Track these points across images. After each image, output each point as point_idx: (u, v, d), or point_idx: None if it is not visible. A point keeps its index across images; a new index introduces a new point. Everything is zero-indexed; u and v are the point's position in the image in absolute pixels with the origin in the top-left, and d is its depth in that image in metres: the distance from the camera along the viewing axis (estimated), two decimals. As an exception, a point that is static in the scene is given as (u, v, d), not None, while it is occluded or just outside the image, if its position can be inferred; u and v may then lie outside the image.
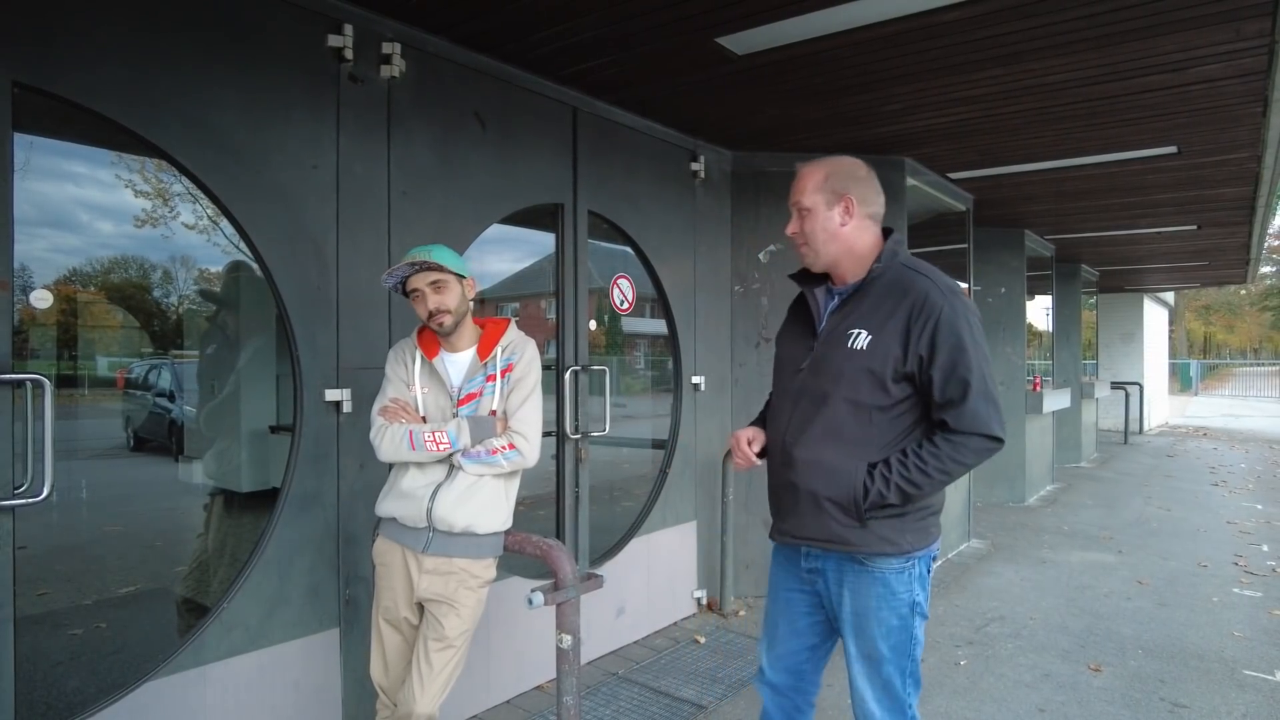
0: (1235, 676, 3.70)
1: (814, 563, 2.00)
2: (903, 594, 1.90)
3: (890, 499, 1.82)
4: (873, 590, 1.90)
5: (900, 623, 1.91)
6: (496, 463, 2.25)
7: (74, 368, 2.82)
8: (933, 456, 1.81)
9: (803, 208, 1.95)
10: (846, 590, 1.94)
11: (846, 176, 1.95)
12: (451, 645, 2.26)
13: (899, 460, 1.83)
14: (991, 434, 1.81)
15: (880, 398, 1.85)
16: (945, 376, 1.80)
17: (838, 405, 1.87)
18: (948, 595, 4.91)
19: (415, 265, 2.22)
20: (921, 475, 1.81)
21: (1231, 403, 23.50)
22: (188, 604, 2.83)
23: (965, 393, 1.79)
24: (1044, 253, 8.75)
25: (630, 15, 2.84)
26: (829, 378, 1.90)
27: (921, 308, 1.83)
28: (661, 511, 4.23)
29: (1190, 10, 2.83)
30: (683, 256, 4.40)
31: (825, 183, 1.94)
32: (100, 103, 2.19)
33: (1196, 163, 5.06)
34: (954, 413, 1.80)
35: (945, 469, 1.81)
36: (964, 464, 1.82)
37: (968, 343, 1.81)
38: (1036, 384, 8.21)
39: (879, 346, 1.84)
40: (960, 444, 1.81)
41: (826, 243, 1.94)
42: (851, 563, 1.92)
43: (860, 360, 1.85)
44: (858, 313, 1.91)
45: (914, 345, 1.82)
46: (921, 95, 3.75)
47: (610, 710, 3.31)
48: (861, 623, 1.92)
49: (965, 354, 1.80)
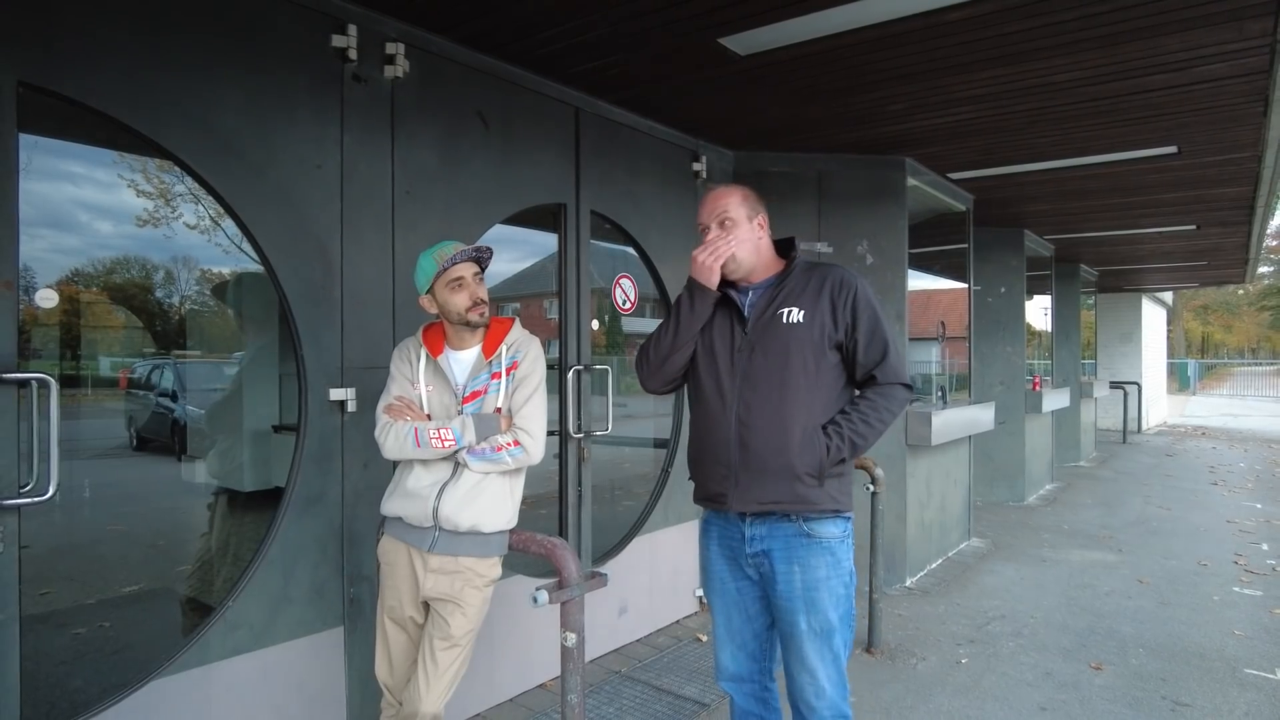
0: (1236, 675, 3.71)
1: (760, 545, 2.12)
2: (845, 561, 2.12)
3: (844, 453, 2.04)
4: (822, 560, 2.08)
5: (845, 590, 2.12)
6: (501, 460, 2.25)
7: (77, 368, 2.82)
8: (870, 408, 2.09)
9: (729, 218, 2.17)
10: (796, 565, 2.08)
11: (756, 200, 2.26)
12: (457, 644, 2.26)
13: (844, 417, 2.08)
14: (906, 382, 2.13)
15: (822, 363, 2.09)
16: (868, 338, 2.10)
17: (791, 373, 2.07)
18: (948, 594, 4.92)
19: (477, 250, 2.29)
20: (865, 426, 2.06)
21: (1230, 402, 23.52)
22: (191, 603, 2.83)
23: (885, 351, 2.10)
24: (1043, 252, 8.76)
25: (633, 16, 2.85)
26: (776, 351, 2.09)
27: (840, 285, 2.12)
28: (664, 510, 4.24)
29: (1193, 10, 2.83)
30: (685, 256, 4.34)
31: (744, 202, 2.21)
32: (104, 102, 2.19)
33: (1197, 163, 5.06)
34: (880, 368, 2.10)
35: (881, 418, 2.09)
36: (893, 412, 2.11)
37: (878, 310, 2.14)
38: (1036, 383, 8.23)
39: (814, 319, 2.09)
40: (889, 393, 2.10)
41: (749, 253, 2.19)
42: (800, 537, 2.08)
43: (801, 332, 2.09)
44: (783, 296, 2.14)
45: (840, 315, 2.10)
46: (923, 95, 3.76)
47: (613, 708, 3.31)
48: (813, 595, 2.07)
49: (880, 320, 2.12)
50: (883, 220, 4.90)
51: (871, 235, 4.91)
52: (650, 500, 4.22)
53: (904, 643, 4.08)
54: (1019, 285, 7.76)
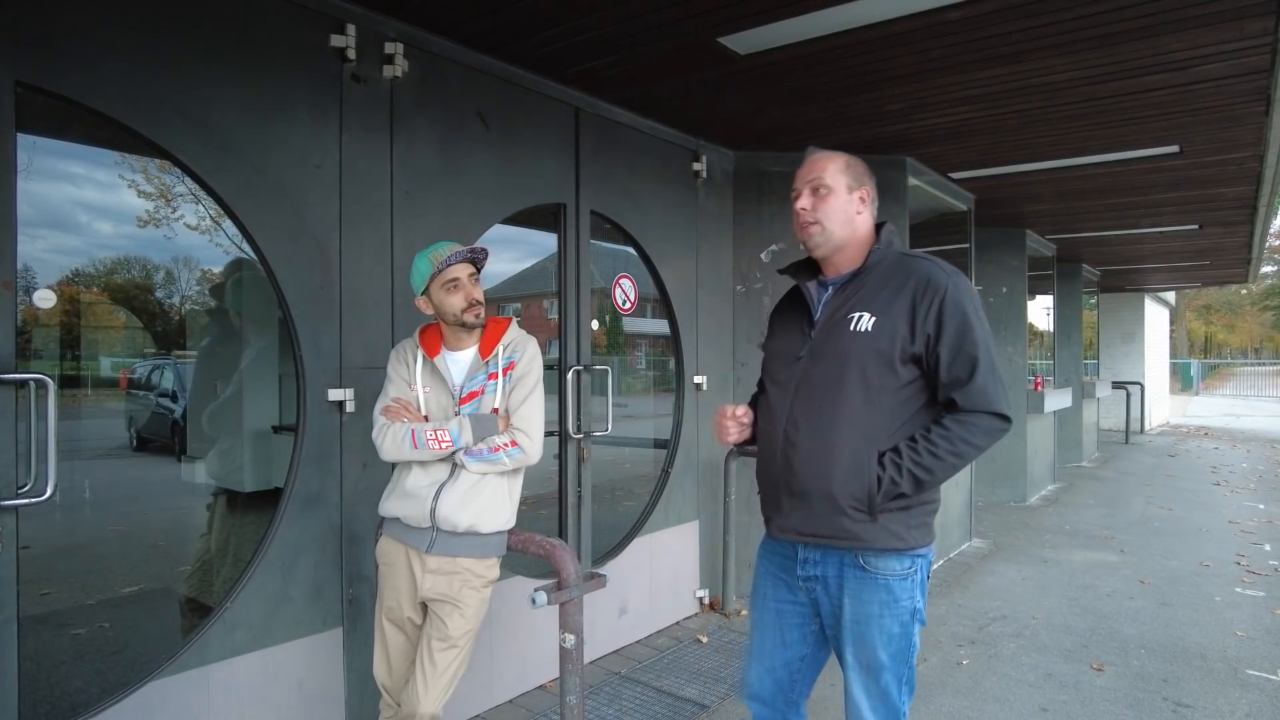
0: (1238, 676, 3.70)
1: (812, 570, 1.93)
2: (905, 600, 1.86)
3: (903, 487, 1.77)
4: (875, 596, 1.85)
5: (901, 630, 1.86)
6: (499, 460, 2.25)
7: (77, 368, 2.83)
8: (943, 439, 1.78)
9: (824, 185, 1.92)
10: (847, 598, 1.88)
11: (863, 171, 1.99)
12: (455, 645, 2.26)
13: (909, 446, 1.79)
14: (1000, 411, 1.80)
15: (889, 380, 1.81)
16: (953, 354, 1.78)
17: (846, 390, 1.82)
18: (949, 594, 4.91)
19: (472, 251, 2.28)
20: (933, 459, 1.76)
21: (1232, 402, 23.48)
22: (191, 604, 2.83)
23: (973, 369, 1.78)
24: (1045, 252, 8.74)
25: (633, 15, 2.84)
26: (834, 362, 1.85)
27: (926, 286, 1.82)
28: (664, 511, 4.23)
29: (1193, 9, 2.82)
30: (685, 256, 4.39)
31: (847, 169, 1.95)
32: (103, 102, 2.19)
33: (1198, 162, 5.05)
34: (962, 391, 1.78)
35: (957, 451, 1.77)
36: (975, 445, 1.79)
37: (973, 320, 1.80)
38: (1038, 384, 8.21)
39: (885, 326, 1.81)
40: (970, 423, 1.78)
41: (843, 225, 1.93)
42: (855, 568, 1.86)
43: (866, 342, 1.82)
44: (857, 297, 1.89)
45: (920, 323, 1.80)
46: (924, 95, 3.75)
47: (613, 710, 3.31)
48: (862, 630, 1.86)
49: (972, 330, 1.79)
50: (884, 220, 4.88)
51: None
52: (650, 501, 4.21)
53: (905, 643, 4.07)
54: (1021, 285, 7.75)
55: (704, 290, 4.51)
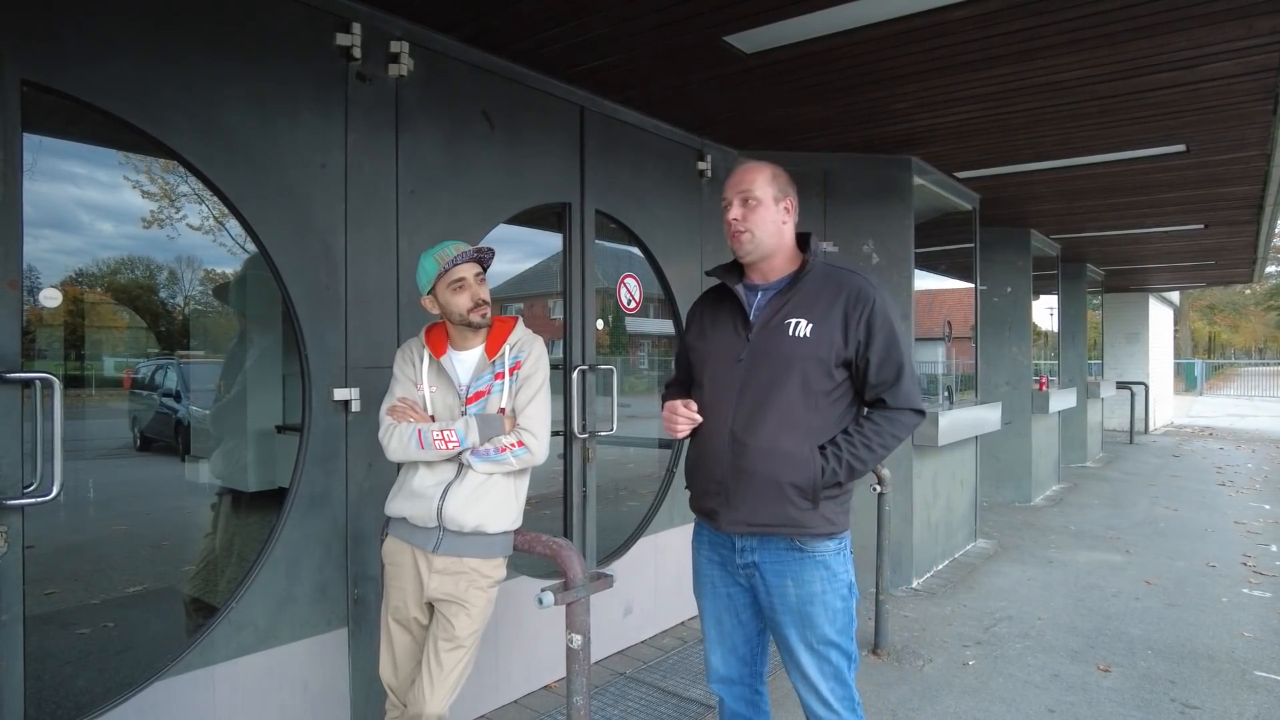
0: (1246, 677, 3.68)
1: (750, 556, 2.04)
2: (842, 574, 2.02)
3: (840, 476, 1.95)
4: (816, 574, 1.99)
5: (843, 604, 2.01)
6: (505, 460, 2.24)
7: (81, 368, 2.83)
8: (875, 433, 1.99)
9: (753, 197, 2.03)
10: (789, 580, 2.00)
11: (787, 182, 2.11)
12: (462, 645, 2.25)
13: (845, 439, 1.98)
14: (920, 409, 2.03)
15: (825, 383, 1.98)
16: (881, 360, 1.98)
17: (789, 392, 1.96)
18: (955, 595, 4.90)
19: (478, 251, 2.27)
20: (866, 450, 1.97)
21: (1237, 402, 23.42)
22: (195, 604, 2.83)
23: (899, 374, 1.99)
24: (1049, 252, 8.72)
25: (638, 14, 2.83)
26: (777, 366, 1.98)
27: (857, 298, 1.99)
28: (668, 511, 4.22)
29: (1201, 7, 2.81)
30: (689, 256, 4.38)
31: (773, 181, 2.07)
32: (109, 101, 2.19)
33: (1205, 161, 5.03)
34: (890, 391, 1.99)
35: (885, 443, 1.99)
36: (898, 437, 2.01)
37: (898, 331, 2.00)
38: (1042, 384, 8.18)
39: (823, 334, 1.97)
40: (896, 419, 2.00)
41: (771, 234, 2.05)
42: (792, 551, 1.99)
43: (806, 348, 1.96)
44: (792, 304, 2.02)
45: (853, 331, 1.97)
46: (930, 93, 3.74)
47: (619, 710, 3.30)
48: (807, 610, 1.99)
49: (897, 340, 1.99)
50: (889, 220, 4.88)
51: (877, 235, 4.89)
52: (655, 501, 4.20)
53: (910, 644, 4.06)
54: (1025, 285, 7.73)
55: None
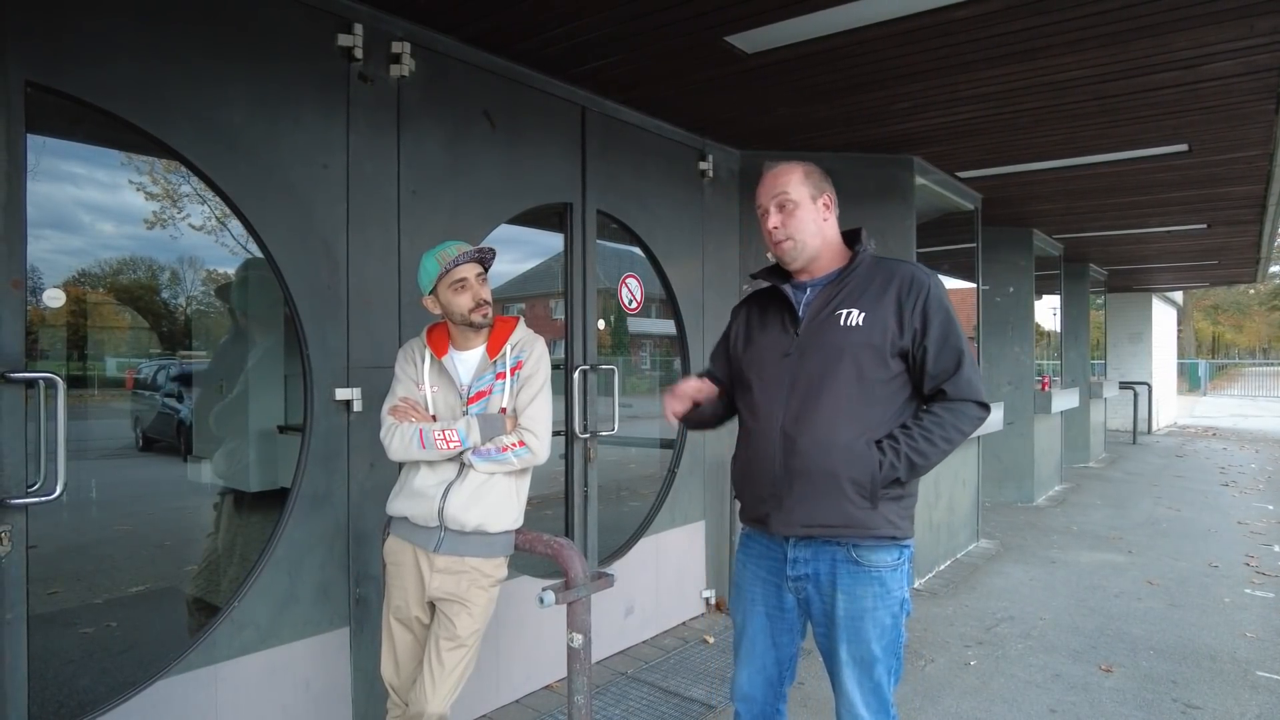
0: (1248, 678, 3.67)
1: (803, 569, 1.95)
2: (896, 591, 1.92)
3: (900, 472, 1.84)
4: (869, 590, 1.90)
5: (893, 621, 1.92)
6: (507, 460, 2.25)
7: (83, 368, 2.83)
8: (935, 425, 1.87)
9: (790, 200, 1.96)
10: (840, 593, 1.91)
11: (820, 177, 2.02)
12: (463, 644, 2.26)
13: (904, 432, 1.87)
14: (982, 400, 1.90)
15: (881, 372, 1.89)
16: (939, 347, 1.88)
17: (842, 382, 1.88)
18: (957, 595, 4.89)
19: (480, 251, 2.27)
20: (927, 444, 1.85)
21: (1240, 403, 23.37)
22: (198, 603, 2.83)
23: (959, 362, 1.88)
24: (1052, 252, 8.71)
25: (639, 14, 2.84)
26: (828, 356, 1.90)
27: (910, 284, 1.90)
28: (670, 511, 4.23)
29: (1203, 6, 2.81)
30: (691, 256, 4.39)
31: (807, 179, 1.98)
32: (112, 102, 2.20)
33: (1207, 161, 5.02)
34: (950, 382, 1.88)
35: (948, 436, 1.87)
36: (962, 431, 1.88)
37: (954, 317, 1.91)
38: (1045, 384, 8.18)
39: (875, 322, 1.88)
40: (959, 410, 1.88)
41: (814, 235, 1.98)
42: (847, 564, 1.90)
43: (859, 336, 1.88)
44: (843, 295, 1.94)
45: (908, 319, 1.88)
46: (931, 93, 3.74)
47: (620, 710, 3.30)
48: (856, 625, 1.90)
49: (955, 326, 1.89)
50: (891, 219, 4.88)
51: (879, 234, 4.83)
52: (656, 501, 4.20)
53: (912, 644, 4.06)
54: (1027, 285, 7.72)
55: (710, 290, 4.50)
